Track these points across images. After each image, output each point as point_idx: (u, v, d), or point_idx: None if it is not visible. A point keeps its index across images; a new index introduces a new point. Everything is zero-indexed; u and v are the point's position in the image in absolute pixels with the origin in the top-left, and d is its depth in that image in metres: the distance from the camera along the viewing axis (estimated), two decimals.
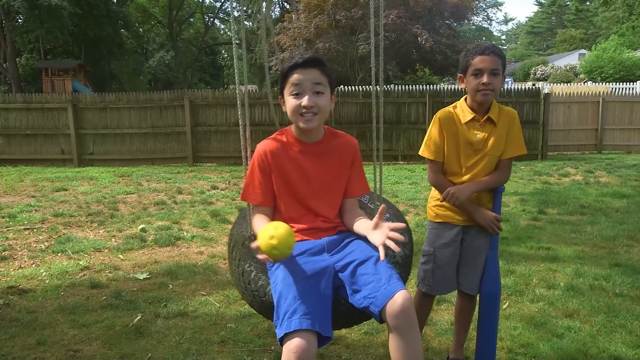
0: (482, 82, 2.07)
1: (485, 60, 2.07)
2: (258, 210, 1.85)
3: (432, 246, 2.29)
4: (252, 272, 1.83)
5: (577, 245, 4.48)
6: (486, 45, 2.14)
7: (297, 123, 1.78)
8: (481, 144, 2.15)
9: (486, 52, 2.08)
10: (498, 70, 2.08)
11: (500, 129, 2.17)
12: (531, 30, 68.74)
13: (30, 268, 3.97)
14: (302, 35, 18.91)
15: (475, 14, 25.31)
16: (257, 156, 1.86)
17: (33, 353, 2.55)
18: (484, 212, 2.17)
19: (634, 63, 25.54)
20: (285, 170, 1.83)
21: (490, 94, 2.10)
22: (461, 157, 2.18)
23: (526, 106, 11.33)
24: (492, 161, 2.20)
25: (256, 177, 1.84)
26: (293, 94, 1.74)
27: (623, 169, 9.35)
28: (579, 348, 2.55)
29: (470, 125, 2.16)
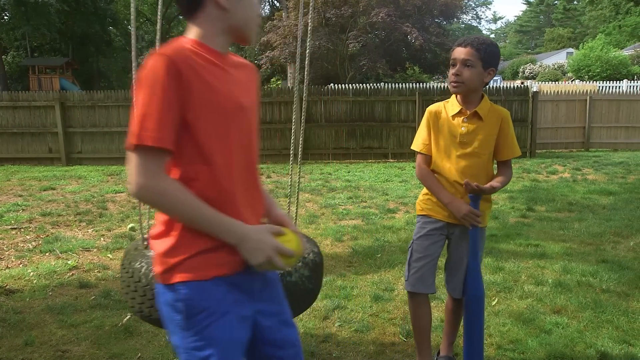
0: (452, 73, 2.05)
1: (458, 51, 2.05)
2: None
3: (413, 239, 2.27)
4: (143, 267, 1.71)
5: (564, 242, 4.53)
6: (468, 37, 2.09)
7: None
8: (466, 137, 2.10)
9: (463, 44, 2.05)
10: (470, 62, 2.01)
11: (488, 126, 2.12)
12: (520, 29, 69.29)
13: (18, 268, 3.92)
14: (292, 33, 18.86)
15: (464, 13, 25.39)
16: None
17: (21, 354, 2.52)
18: (459, 204, 2.08)
19: (620, 62, 25.82)
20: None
21: (459, 85, 2.05)
22: (446, 150, 2.14)
23: (515, 104, 11.42)
24: (480, 162, 2.13)
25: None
26: None
27: (610, 167, 9.46)
28: (567, 343, 2.58)
29: (456, 118, 2.12)
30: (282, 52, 19.31)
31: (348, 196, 6.83)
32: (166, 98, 1.11)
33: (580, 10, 53.93)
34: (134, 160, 1.11)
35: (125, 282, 1.77)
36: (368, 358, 2.50)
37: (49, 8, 23.64)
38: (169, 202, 1.13)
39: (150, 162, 1.11)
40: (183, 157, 1.18)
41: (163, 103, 1.11)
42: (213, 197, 1.19)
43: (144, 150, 1.11)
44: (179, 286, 1.19)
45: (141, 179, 1.11)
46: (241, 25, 1.27)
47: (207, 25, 1.23)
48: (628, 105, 12.80)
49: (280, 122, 11.19)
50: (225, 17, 1.23)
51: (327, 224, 5.34)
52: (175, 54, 1.14)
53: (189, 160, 1.18)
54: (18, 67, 27.88)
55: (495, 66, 2.09)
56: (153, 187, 1.11)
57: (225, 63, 1.26)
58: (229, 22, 1.24)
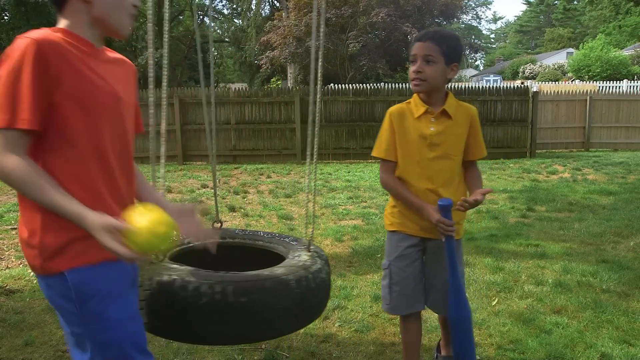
0: (412, 70, 1.89)
1: (418, 47, 1.88)
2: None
3: (388, 259, 2.07)
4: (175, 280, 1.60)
5: (565, 242, 4.53)
6: (428, 31, 1.94)
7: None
8: (436, 138, 1.93)
9: (423, 38, 1.89)
10: (432, 58, 1.85)
11: (458, 125, 1.96)
12: (520, 29, 69.28)
13: (18, 268, 3.92)
14: (293, 33, 18.86)
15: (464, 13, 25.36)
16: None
17: (21, 354, 2.52)
18: (432, 210, 1.89)
19: (620, 62, 25.82)
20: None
21: (421, 84, 1.89)
22: (415, 155, 1.96)
23: (515, 104, 11.42)
24: (452, 165, 1.97)
25: None
26: None
27: (610, 167, 9.46)
28: (567, 343, 2.58)
29: (423, 118, 1.95)
30: (282, 52, 19.30)
31: (348, 196, 6.83)
32: (30, 82, 1.10)
33: (580, 10, 53.93)
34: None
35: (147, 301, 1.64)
36: (368, 358, 2.50)
37: (49, 8, 23.61)
38: (15, 181, 1.12)
39: (5, 142, 1.11)
40: (47, 141, 1.17)
41: (27, 86, 1.10)
42: (77, 180, 1.20)
43: (3, 132, 1.11)
44: (68, 274, 1.17)
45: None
46: (106, 17, 1.26)
47: (73, 17, 1.24)
48: (628, 105, 12.81)
49: (280, 122, 11.19)
50: (89, 9, 1.24)
51: (327, 224, 5.34)
52: (43, 39, 1.13)
53: (54, 144, 1.18)
54: None
55: (458, 61, 1.94)
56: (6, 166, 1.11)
57: (98, 54, 1.28)
58: (92, 14, 1.24)
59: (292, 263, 1.81)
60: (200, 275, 1.63)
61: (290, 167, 10.20)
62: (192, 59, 40.25)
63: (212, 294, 1.58)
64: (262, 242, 2.21)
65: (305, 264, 1.79)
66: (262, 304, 1.61)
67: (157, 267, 1.67)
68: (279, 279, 1.67)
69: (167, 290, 1.59)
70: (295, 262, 1.81)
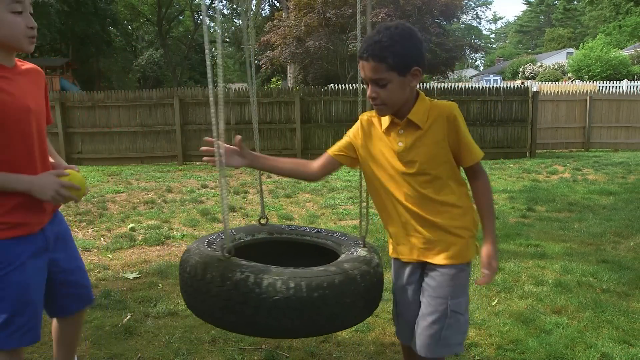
0: (368, 95, 1.62)
1: (362, 68, 1.59)
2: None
3: (394, 286, 1.91)
4: (249, 277, 1.67)
5: (565, 242, 4.53)
6: (367, 41, 1.56)
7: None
8: (406, 155, 1.63)
9: (364, 57, 1.56)
10: (381, 80, 1.55)
11: (431, 133, 1.62)
12: (520, 29, 69.31)
13: None
14: (293, 33, 18.87)
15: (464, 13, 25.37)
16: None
17: None
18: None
19: (620, 62, 25.82)
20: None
21: (383, 109, 1.62)
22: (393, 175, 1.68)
23: (515, 104, 11.43)
24: (437, 183, 1.66)
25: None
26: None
27: (610, 167, 9.46)
28: (567, 344, 2.58)
29: (391, 131, 1.67)
30: (282, 52, 19.31)
31: (348, 196, 6.83)
32: None
33: (581, 11, 53.95)
34: None
35: (220, 300, 1.70)
36: (368, 358, 2.50)
37: (49, 8, 23.65)
38: None
39: None
40: None
41: None
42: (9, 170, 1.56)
43: None
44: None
45: None
46: (8, 40, 1.54)
47: None
48: (628, 105, 12.81)
49: (280, 122, 11.20)
50: None
51: (328, 224, 5.34)
52: None
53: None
54: None
55: (418, 62, 1.57)
56: None
57: (10, 72, 1.59)
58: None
59: (353, 258, 1.87)
60: (273, 271, 1.69)
61: None
62: (192, 59, 40.29)
63: (287, 289, 1.64)
64: (309, 237, 2.27)
65: (366, 258, 1.86)
66: (332, 298, 1.68)
67: (226, 264, 1.72)
68: (347, 274, 1.73)
69: (242, 287, 1.66)
70: (356, 257, 1.87)
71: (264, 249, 2.29)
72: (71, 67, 27.70)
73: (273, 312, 1.66)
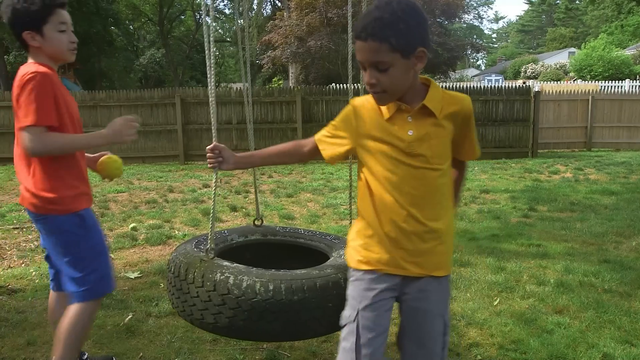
0: (365, 81, 1.41)
1: (360, 49, 1.36)
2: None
3: (353, 309, 1.47)
4: (229, 278, 1.66)
5: (566, 242, 4.52)
6: (364, 21, 1.34)
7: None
8: (416, 145, 1.42)
9: (362, 36, 1.34)
10: (383, 64, 1.34)
11: (446, 124, 1.45)
12: (521, 29, 69.22)
13: (20, 268, 3.93)
14: (294, 33, 18.86)
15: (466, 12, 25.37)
16: None
17: (23, 353, 2.53)
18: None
19: (622, 61, 25.79)
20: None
21: (383, 97, 1.41)
22: (389, 169, 1.44)
23: (517, 104, 11.42)
24: (435, 178, 1.45)
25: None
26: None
27: (612, 166, 9.45)
28: (569, 344, 2.57)
29: (397, 119, 1.43)
30: (284, 52, 19.30)
31: None
32: (51, 97, 1.81)
33: (582, 10, 53.85)
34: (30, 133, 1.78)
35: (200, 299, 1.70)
36: None
37: None
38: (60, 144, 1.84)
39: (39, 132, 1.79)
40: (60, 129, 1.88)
41: (49, 100, 1.80)
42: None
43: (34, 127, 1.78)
44: (81, 212, 1.94)
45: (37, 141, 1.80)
46: (56, 53, 1.91)
47: (36, 56, 1.89)
48: (630, 105, 12.80)
49: (282, 122, 11.20)
50: (42, 51, 1.89)
51: (329, 223, 5.33)
52: (48, 70, 1.84)
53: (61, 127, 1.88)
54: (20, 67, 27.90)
55: (424, 43, 1.36)
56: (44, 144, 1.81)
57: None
58: (46, 52, 1.89)
59: (340, 262, 1.84)
60: (253, 273, 1.67)
61: (292, 167, 10.20)
62: (194, 59, 40.29)
63: (265, 291, 1.62)
64: (303, 239, 2.25)
65: None
66: (313, 302, 1.66)
67: (208, 264, 1.71)
68: (329, 278, 1.71)
69: (221, 288, 1.65)
70: (343, 262, 1.83)
71: (257, 250, 2.28)
72: (73, 67, 27.66)
73: (251, 314, 1.63)
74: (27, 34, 1.86)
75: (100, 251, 2.00)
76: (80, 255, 1.93)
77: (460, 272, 3.68)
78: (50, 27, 1.86)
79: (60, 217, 1.89)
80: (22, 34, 1.86)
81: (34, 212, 1.90)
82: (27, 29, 1.85)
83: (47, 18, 1.85)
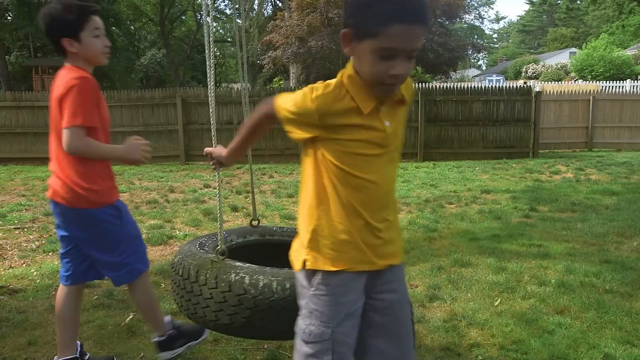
0: (393, 74, 1.22)
1: (407, 35, 1.18)
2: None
3: (327, 324, 1.34)
4: (244, 278, 1.67)
5: (567, 242, 4.52)
6: (414, 3, 1.19)
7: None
8: (391, 136, 1.34)
9: (412, 19, 1.18)
10: (416, 51, 1.23)
11: (406, 111, 1.41)
12: (522, 29, 69.18)
13: (21, 268, 3.94)
14: (295, 33, 18.86)
15: (467, 12, 25.34)
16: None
17: (24, 353, 2.53)
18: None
19: (623, 61, 25.76)
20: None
21: (396, 88, 1.30)
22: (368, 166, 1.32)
23: (518, 104, 11.41)
24: (395, 167, 1.40)
25: None
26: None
27: (613, 167, 9.44)
28: (570, 344, 2.57)
29: (374, 109, 1.30)
30: (285, 52, 19.30)
31: None
32: (94, 101, 2.01)
33: (584, 10, 53.81)
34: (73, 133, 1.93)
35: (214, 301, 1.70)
36: None
37: None
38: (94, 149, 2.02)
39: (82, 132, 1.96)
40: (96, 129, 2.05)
41: (92, 103, 2.00)
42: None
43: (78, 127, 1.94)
44: (116, 203, 2.12)
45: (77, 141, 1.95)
46: (91, 57, 2.06)
47: (74, 61, 2.04)
48: (631, 105, 12.79)
49: None
50: (79, 56, 2.03)
51: None
52: (89, 76, 2.01)
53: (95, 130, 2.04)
54: (21, 67, 27.93)
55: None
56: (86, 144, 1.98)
57: None
58: (83, 57, 2.04)
59: None
60: (268, 272, 1.69)
61: (293, 167, 10.20)
62: (195, 59, 40.32)
63: (283, 290, 1.63)
64: None
65: None
66: None
67: (220, 266, 1.71)
68: None
69: (237, 289, 1.65)
70: None
71: (255, 251, 2.29)
72: None
73: (269, 313, 1.65)
74: (65, 40, 2.00)
75: (134, 234, 2.18)
76: (118, 242, 2.10)
77: (461, 273, 3.68)
78: (86, 34, 2.00)
79: (97, 210, 2.05)
80: (60, 41, 2.00)
81: (68, 206, 2.01)
82: (64, 36, 1.99)
83: (82, 25, 1.99)
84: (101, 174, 2.08)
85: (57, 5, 2.00)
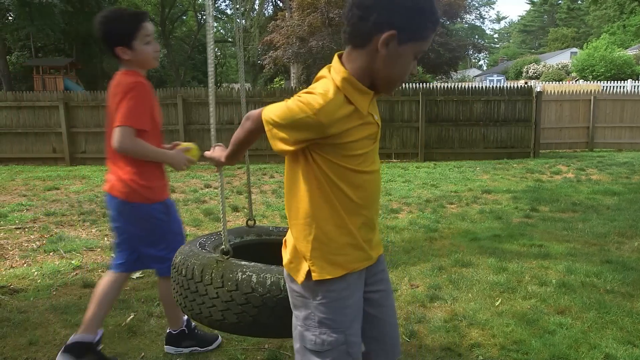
0: (411, 73, 1.32)
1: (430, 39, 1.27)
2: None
3: (341, 329, 1.33)
4: (251, 276, 1.66)
5: (568, 243, 4.52)
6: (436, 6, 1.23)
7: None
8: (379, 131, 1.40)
9: (438, 23, 1.27)
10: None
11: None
12: (523, 29, 69.12)
13: (22, 268, 3.94)
14: (296, 33, 18.85)
15: (468, 12, 25.29)
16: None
17: (25, 353, 2.53)
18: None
19: (624, 61, 25.73)
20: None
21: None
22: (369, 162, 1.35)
23: (518, 104, 11.39)
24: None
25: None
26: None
27: (614, 167, 9.43)
28: (571, 344, 2.57)
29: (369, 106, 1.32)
30: (285, 52, 19.30)
31: None
32: (148, 105, 2.17)
33: (585, 10, 53.77)
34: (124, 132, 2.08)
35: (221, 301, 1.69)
36: None
37: (53, 8, 23.69)
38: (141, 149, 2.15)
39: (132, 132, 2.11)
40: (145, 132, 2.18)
41: (147, 107, 2.16)
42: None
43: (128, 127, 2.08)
44: (167, 200, 2.33)
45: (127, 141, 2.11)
46: (144, 62, 2.19)
47: (129, 66, 2.16)
48: (632, 105, 12.77)
49: None
50: (133, 61, 2.17)
51: None
52: (144, 80, 2.16)
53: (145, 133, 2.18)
54: (22, 67, 27.96)
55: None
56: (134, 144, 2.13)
57: None
58: (136, 62, 2.17)
59: None
60: (274, 270, 1.69)
61: None
62: (196, 59, 40.34)
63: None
64: None
65: None
66: None
67: (226, 265, 1.71)
68: None
69: (244, 287, 1.65)
70: None
71: (253, 251, 2.28)
72: (75, 67, 27.75)
73: (276, 311, 1.66)
74: (119, 49, 2.14)
75: (178, 232, 2.34)
76: (162, 238, 2.26)
77: (461, 273, 3.68)
78: (138, 42, 2.13)
79: (149, 206, 2.21)
80: (114, 49, 2.14)
81: (124, 200, 2.19)
82: (119, 45, 2.13)
83: (134, 34, 2.11)
84: (155, 173, 2.25)
85: (110, 15, 2.14)
